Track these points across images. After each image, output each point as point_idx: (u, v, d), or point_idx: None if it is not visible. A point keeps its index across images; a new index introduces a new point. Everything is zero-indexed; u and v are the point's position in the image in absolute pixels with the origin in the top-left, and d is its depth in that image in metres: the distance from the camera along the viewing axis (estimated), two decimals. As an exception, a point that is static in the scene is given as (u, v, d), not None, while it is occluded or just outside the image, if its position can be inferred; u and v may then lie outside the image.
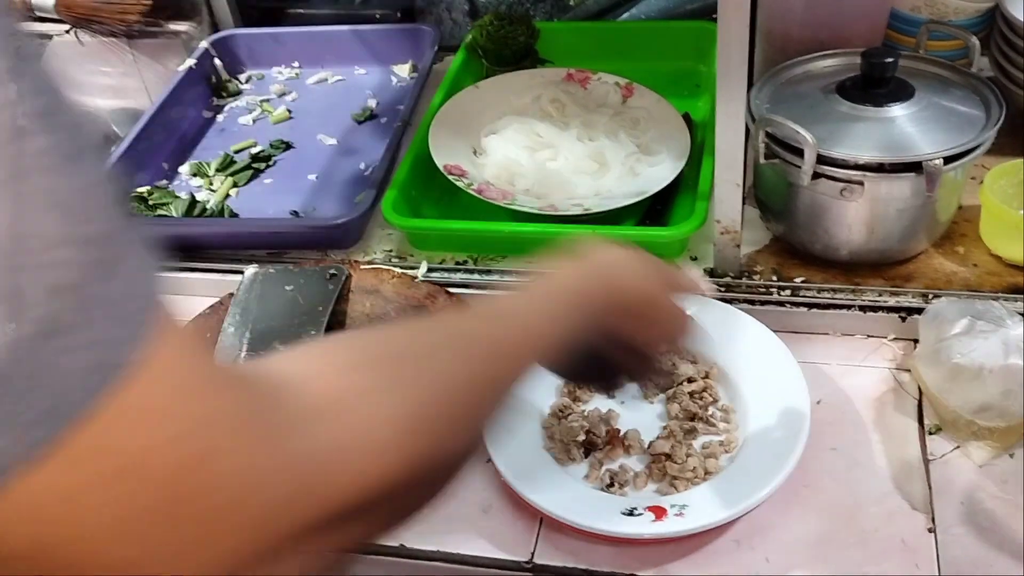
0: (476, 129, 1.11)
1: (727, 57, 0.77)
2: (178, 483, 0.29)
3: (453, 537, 0.76)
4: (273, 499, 0.32)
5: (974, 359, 0.77)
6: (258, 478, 0.32)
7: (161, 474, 0.29)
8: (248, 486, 0.31)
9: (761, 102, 0.90)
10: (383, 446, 0.38)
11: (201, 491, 0.30)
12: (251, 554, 0.32)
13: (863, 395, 0.83)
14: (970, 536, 0.72)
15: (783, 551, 0.73)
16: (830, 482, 0.77)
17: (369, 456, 0.37)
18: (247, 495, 0.31)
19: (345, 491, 0.35)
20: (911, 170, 0.82)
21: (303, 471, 0.34)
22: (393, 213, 0.99)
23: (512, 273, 0.96)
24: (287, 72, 1.37)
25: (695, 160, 1.03)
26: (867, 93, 0.87)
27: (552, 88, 1.15)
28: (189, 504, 0.30)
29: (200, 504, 0.30)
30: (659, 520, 0.72)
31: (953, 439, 0.78)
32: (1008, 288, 0.88)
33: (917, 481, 0.76)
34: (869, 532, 0.73)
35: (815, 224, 0.89)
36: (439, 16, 1.41)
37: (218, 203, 1.12)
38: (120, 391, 0.28)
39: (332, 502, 0.35)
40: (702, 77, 1.20)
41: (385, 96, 1.29)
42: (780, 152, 0.86)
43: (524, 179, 1.05)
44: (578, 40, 1.26)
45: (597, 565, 0.73)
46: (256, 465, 0.32)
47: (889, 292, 0.89)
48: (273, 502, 0.32)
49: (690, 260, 0.95)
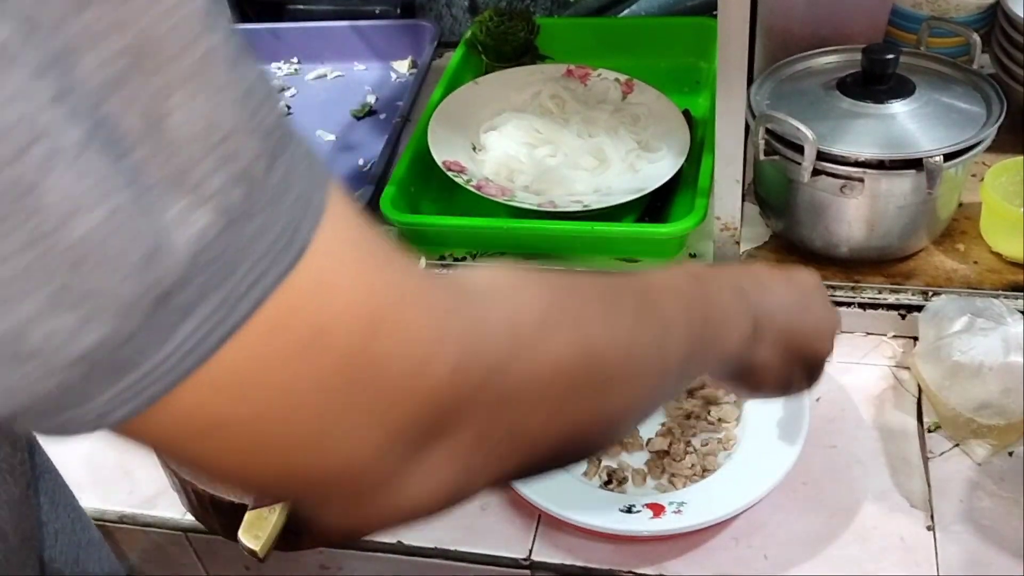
0: (475, 125, 1.11)
1: (727, 53, 0.77)
2: (358, 352, 0.30)
3: (451, 534, 0.76)
4: (449, 367, 0.32)
5: (974, 357, 0.77)
6: (434, 345, 0.32)
7: (342, 343, 0.29)
8: (425, 353, 0.31)
9: (761, 98, 0.90)
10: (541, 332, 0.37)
11: (380, 359, 0.30)
12: (429, 425, 0.32)
13: (862, 392, 0.83)
14: (969, 534, 0.72)
15: (782, 548, 0.73)
16: (829, 479, 0.77)
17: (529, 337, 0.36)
18: (424, 363, 0.31)
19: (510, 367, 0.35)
20: (912, 167, 0.82)
21: (473, 341, 0.33)
22: (392, 209, 0.99)
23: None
24: (286, 68, 1.37)
25: (695, 157, 1.03)
26: (868, 90, 0.87)
27: (552, 84, 1.15)
28: (369, 372, 0.30)
29: (379, 372, 0.30)
30: (657, 517, 0.72)
31: (952, 437, 0.78)
32: (1008, 286, 0.88)
33: (916, 479, 0.76)
34: (868, 529, 0.73)
35: (815, 221, 0.89)
36: (438, 12, 1.40)
37: (217, 199, 1.12)
38: (301, 268, 0.28)
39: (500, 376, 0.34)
40: (702, 73, 1.20)
41: (384, 92, 1.29)
42: (780, 149, 0.86)
43: (523, 175, 1.05)
44: (578, 36, 1.26)
45: (595, 562, 0.73)
46: (431, 333, 0.32)
47: (889, 289, 0.89)
48: (449, 370, 0.32)
49: (690, 257, 0.95)
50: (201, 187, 0.26)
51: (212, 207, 0.26)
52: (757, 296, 0.54)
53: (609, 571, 0.73)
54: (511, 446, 0.36)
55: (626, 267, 0.95)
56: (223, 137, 0.27)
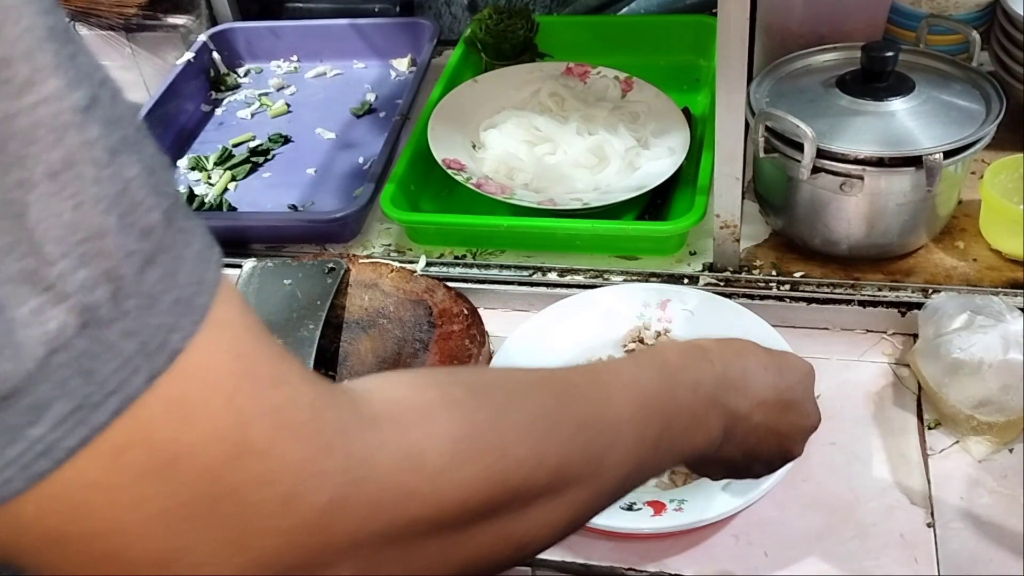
0: (475, 123, 1.11)
1: (727, 51, 0.77)
2: (219, 480, 0.28)
3: (452, 531, 0.76)
4: (321, 504, 0.30)
5: (973, 354, 0.77)
6: (306, 480, 0.30)
7: (202, 469, 0.28)
8: (294, 488, 0.30)
9: (761, 96, 0.90)
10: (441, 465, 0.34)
11: (242, 489, 0.29)
12: (297, 561, 0.30)
13: (862, 390, 0.83)
14: (969, 530, 0.72)
15: (782, 546, 0.73)
16: (829, 477, 0.77)
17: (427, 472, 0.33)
18: (292, 497, 0.30)
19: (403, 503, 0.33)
20: (911, 164, 0.82)
21: (357, 477, 0.31)
22: (392, 207, 0.99)
23: (511, 268, 0.96)
24: (286, 66, 1.37)
25: (694, 154, 1.03)
26: (867, 87, 0.87)
27: (551, 82, 1.15)
28: (229, 502, 0.29)
29: (241, 503, 0.29)
30: (658, 515, 0.72)
31: (952, 434, 0.78)
32: (1008, 283, 0.88)
33: (916, 476, 0.76)
34: (868, 526, 0.73)
35: (814, 219, 0.89)
36: (438, 10, 1.40)
37: (216, 197, 1.12)
38: (166, 381, 0.27)
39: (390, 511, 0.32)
40: (701, 71, 1.20)
41: (384, 90, 1.29)
42: (780, 146, 0.86)
43: (523, 173, 1.05)
44: (577, 34, 1.26)
45: (596, 560, 0.73)
46: (305, 467, 0.30)
47: (888, 287, 0.89)
48: (320, 507, 0.30)
49: (689, 255, 0.95)
50: (60, 285, 0.25)
51: (70, 306, 0.25)
52: (737, 394, 0.51)
53: (610, 568, 0.73)
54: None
55: (625, 264, 0.95)
56: (88, 236, 0.26)
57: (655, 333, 0.87)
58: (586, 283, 0.93)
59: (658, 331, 0.87)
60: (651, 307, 0.89)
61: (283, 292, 0.91)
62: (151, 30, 1.31)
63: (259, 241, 1.04)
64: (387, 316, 0.91)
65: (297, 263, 0.95)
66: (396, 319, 0.90)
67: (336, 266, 0.94)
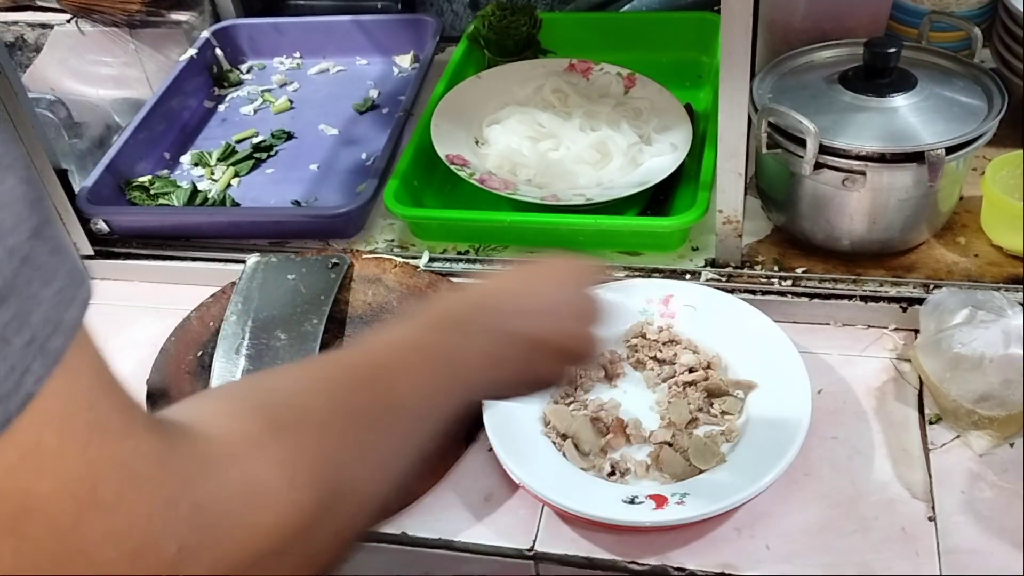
0: (478, 119, 1.11)
1: (730, 47, 0.77)
2: (66, 537, 0.28)
3: (455, 525, 0.77)
4: (170, 555, 0.31)
5: (975, 349, 0.77)
6: (154, 534, 0.30)
7: (51, 525, 0.28)
8: (142, 542, 0.30)
9: (764, 92, 0.90)
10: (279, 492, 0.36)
11: (90, 549, 0.29)
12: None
13: (864, 385, 0.84)
14: (970, 524, 0.72)
15: (784, 539, 0.73)
16: (831, 471, 0.77)
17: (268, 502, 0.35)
18: (141, 552, 0.30)
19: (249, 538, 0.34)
20: (913, 160, 0.82)
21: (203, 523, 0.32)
22: (395, 203, 0.99)
23: (514, 263, 0.97)
24: (288, 62, 1.37)
25: (697, 150, 1.03)
26: (869, 83, 0.87)
27: (554, 78, 1.15)
28: (82, 555, 0.29)
29: (90, 563, 0.29)
30: (660, 508, 0.72)
31: (953, 428, 0.79)
32: (1009, 279, 0.88)
33: (917, 470, 0.76)
34: (869, 520, 0.73)
35: (817, 214, 0.89)
36: (440, 6, 1.41)
37: (220, 193, 1.12)
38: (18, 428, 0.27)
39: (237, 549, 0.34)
40: (704, 67, 1.20)
41: (387, 86, 1.30)
42: (782, 142, 0.86)
43: (526, 169, 1.05)
44: (580, 30, 1.26)
45: (599, 553, 0.74)
46: (152, 521, 0.30)
47: (890, 282, 0.89)
48: (170, 559, 0.31)
49: (692, 250, 0.96)
50: None
51: None
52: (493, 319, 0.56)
53: (612, 561, 0.73)
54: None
55: (628, 260, 0.95)
56: None
57: (657, 328, 0.87)
58: (589, 278, 0.93)
59: (660, 326, 0.88)
60: (654, 303, 0.89)
61: (287, 287, 0.92)
62: (154, 26, 1.31)
63: (262, 237, 1.04)
64: (390, 311, 0.92)
65: (301, 258, 0.95)
66: (399, 314, 0.90)
67: (340, 261, 0.94)
